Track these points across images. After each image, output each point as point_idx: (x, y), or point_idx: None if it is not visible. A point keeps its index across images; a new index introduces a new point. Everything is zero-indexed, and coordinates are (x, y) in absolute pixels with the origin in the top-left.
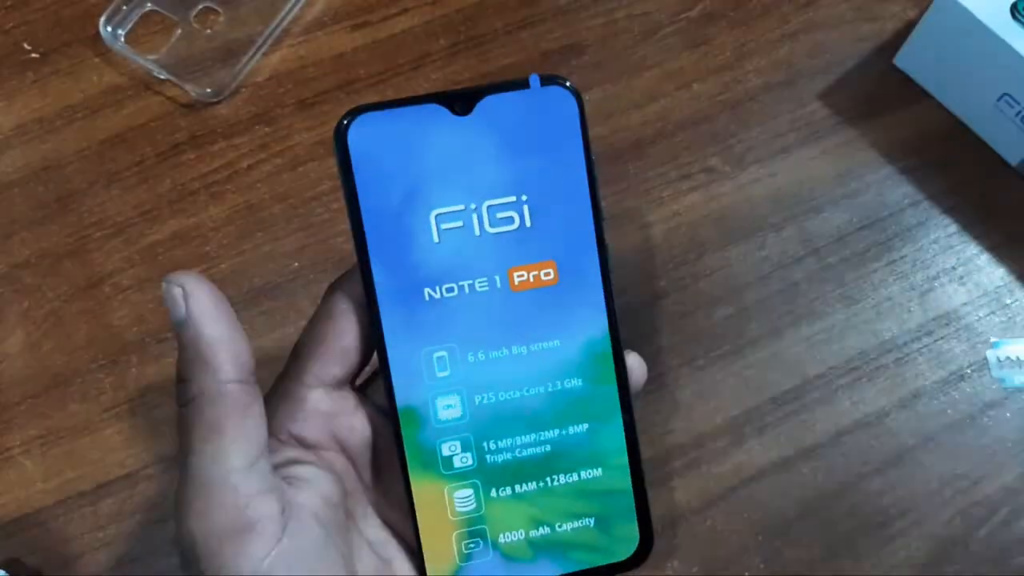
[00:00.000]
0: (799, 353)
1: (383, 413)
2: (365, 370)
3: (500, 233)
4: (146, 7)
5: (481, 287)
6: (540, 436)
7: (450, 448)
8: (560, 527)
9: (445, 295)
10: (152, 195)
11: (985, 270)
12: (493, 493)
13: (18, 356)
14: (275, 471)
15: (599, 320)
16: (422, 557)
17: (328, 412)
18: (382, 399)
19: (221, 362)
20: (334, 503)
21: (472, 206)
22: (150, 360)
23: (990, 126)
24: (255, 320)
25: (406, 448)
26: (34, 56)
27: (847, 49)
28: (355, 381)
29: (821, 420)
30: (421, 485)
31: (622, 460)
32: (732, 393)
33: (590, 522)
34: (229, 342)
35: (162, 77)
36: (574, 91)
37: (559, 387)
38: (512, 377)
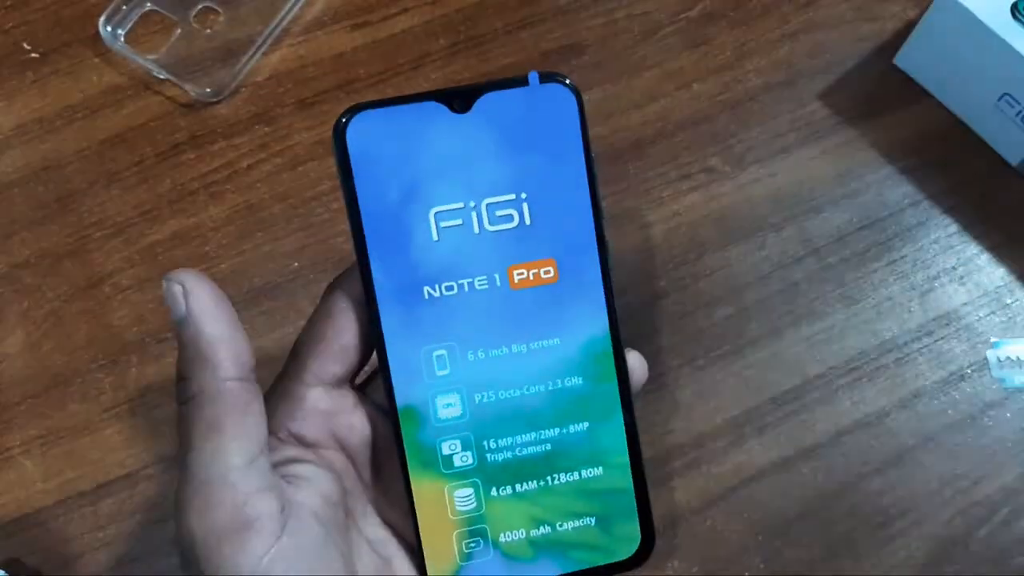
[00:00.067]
0: (799, 353)
1: (383, 412)
2: (365, 369)
3: (500, 231)
4: (146, 7)
5: (481, 285)
6: (540, 435)
7: (450, 447)
8: (561, 526)
9: (445, 293)
10: (152, 195)
11: (985, 270)
12: (493, 492)
13: (18, 356)
14: (275, 469)
15: (599, 318)
16: (422, 556)
17: (327, 411)
18: (382, 398)
19: (221, 360)
20: (333, 502)
21: (471, 204)
22: (150, 360)
23: (990, 126)
24: (255, 320)
25: (406, 447)
26: (34, 56)
27: (847, 49)
28: (355, 380)
29: (821, 420)
30: (421, 484)
31: (623, 459)
32: (732, 393)
33: (591, 521)
34: (229, 340)
35: (162, 77)
36: (573, 88)
37: (559, 386)
38: (512, 376)
